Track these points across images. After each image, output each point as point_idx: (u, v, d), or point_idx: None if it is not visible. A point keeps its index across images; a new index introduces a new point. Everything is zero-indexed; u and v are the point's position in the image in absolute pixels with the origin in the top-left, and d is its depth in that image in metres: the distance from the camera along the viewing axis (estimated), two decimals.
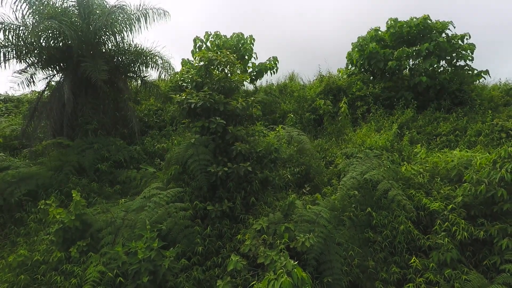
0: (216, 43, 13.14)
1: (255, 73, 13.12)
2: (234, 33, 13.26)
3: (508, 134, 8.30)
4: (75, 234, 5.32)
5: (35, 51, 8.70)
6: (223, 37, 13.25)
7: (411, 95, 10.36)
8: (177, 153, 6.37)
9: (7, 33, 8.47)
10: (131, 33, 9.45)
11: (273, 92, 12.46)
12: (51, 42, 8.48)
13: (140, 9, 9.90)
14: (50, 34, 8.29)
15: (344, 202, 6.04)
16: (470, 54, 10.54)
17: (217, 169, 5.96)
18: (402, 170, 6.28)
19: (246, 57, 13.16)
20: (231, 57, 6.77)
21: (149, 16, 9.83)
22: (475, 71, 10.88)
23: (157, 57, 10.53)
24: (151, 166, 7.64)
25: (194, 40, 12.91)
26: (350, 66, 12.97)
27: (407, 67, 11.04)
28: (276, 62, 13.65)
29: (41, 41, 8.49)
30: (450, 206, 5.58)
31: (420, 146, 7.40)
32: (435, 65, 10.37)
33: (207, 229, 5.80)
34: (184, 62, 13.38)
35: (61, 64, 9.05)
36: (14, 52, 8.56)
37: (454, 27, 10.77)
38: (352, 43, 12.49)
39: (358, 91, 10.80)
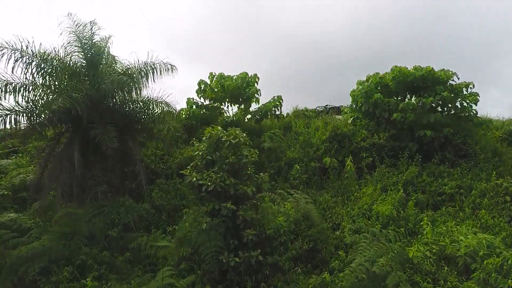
0: (221, 83, 13.25)
1: (259, 115, 13.30)
2: (238, 75, 13.36)
3: None
4: None
5: (45, 113, 8.80)
6: (227, 77, 13.36)
7: (415, 147, 10.50)
8: (188, 237, 6.51)
9: (16, 94, 8.63)
10: (139, 91, 9.58)
11: (277, 134, 12.44)
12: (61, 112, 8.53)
13: (148, 63, 10.05)
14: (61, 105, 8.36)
15: None
16: (474, 105, 10.75)
17: (228, 259, 6.10)
18: (410, 256, 6.42)
19: (250, 98, 13.31)
20: (241, 138, 6.88)
21: (156, 72, 9.98)
22: (479, 119, 11.10)
23: (163, 105, 10.69)
24: (162, 240, 7.75)
25: (199, 84, 13.01)
26: (354, 106, 13.03)
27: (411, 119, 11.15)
28: (281, 101, 13.80)
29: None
30: None
31: (426, 218, 7.52)
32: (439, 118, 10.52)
33: None
34: (189, 102, 13.51)
35: (70, 126, 9.15)
36: (24, 115, 8.67)
37: (458, 78, 10.95)
38: (357, 82, 12.54)
39: (363, 141, 10.93)
